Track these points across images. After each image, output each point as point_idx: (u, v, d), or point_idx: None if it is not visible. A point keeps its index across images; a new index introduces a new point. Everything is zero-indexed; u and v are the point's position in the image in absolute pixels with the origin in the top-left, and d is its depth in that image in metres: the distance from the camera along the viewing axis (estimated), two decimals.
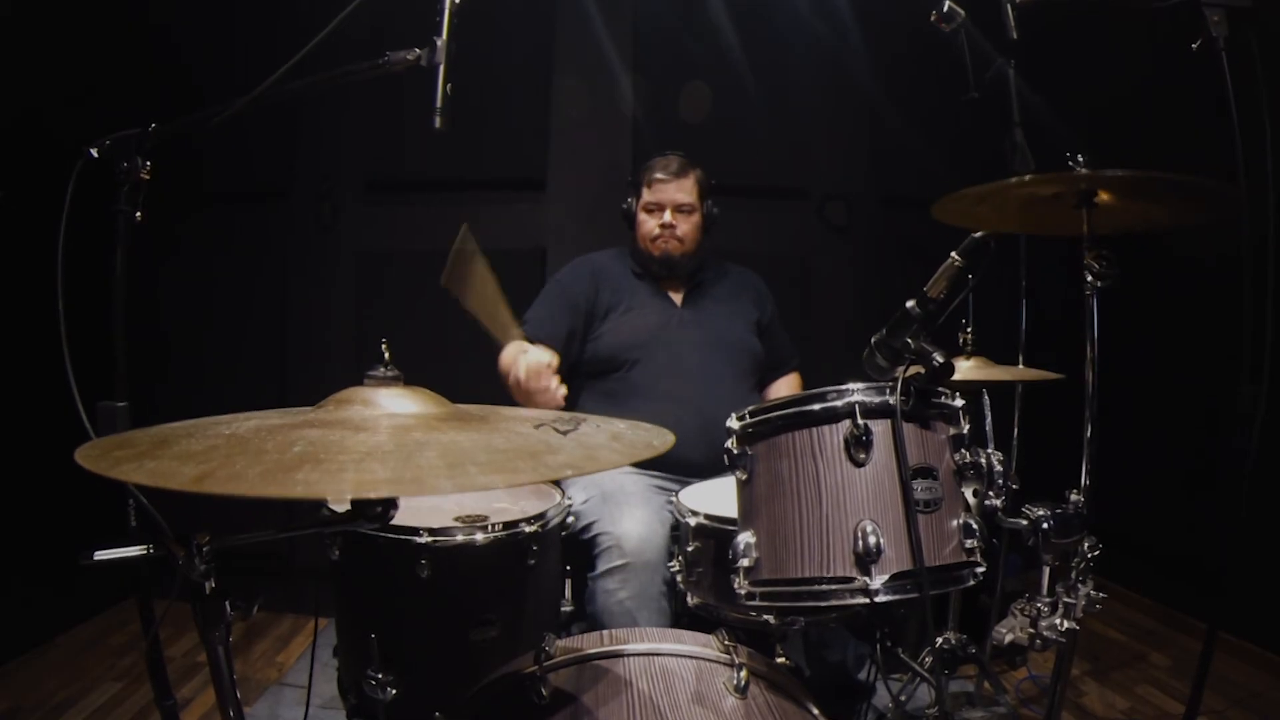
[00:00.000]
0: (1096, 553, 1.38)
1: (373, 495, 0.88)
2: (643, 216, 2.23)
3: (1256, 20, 1.64)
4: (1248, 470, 1.68)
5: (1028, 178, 1.41)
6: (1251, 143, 1.62)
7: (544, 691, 1.06)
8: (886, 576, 1.13)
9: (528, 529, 1.57)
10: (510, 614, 1.56)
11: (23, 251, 2.14)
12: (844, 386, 1.20)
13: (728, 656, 1.14)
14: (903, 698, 2.09)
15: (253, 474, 0.68)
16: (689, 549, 1.59)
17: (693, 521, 1.60)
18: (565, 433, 0.89)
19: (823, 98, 3.13)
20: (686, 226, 2.21)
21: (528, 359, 1.80)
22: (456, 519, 1.58)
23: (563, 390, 1.81)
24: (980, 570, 1.20)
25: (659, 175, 2.20)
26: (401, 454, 0.75)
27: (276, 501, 0.65)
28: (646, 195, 2.22)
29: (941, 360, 1.19)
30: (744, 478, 1.27)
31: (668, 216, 2.18)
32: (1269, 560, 2.31)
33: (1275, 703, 2.31)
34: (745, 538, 1.24)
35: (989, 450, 1.25)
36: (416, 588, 1.49)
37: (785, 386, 2.38)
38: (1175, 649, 2.70)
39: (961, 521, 1.20)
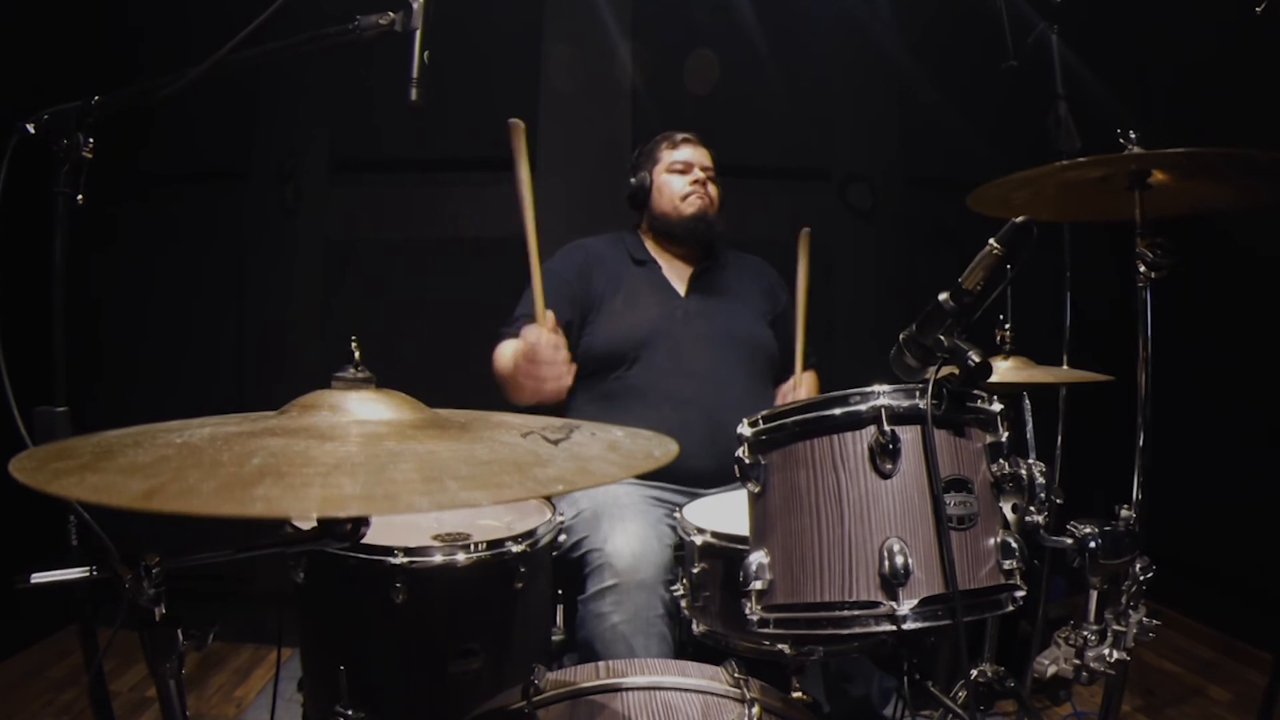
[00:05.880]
0: (1149, 575, 1.39)
1: (341, 514, 0.88)
2: (667, 178, 2.30)
3: None
4: None
5: (1079, 159, 1.40)
6: None
7: None
8: (915, 601, 1.13)
9: (515, 548, 1.57)
10: (495, 643, 1.56)
11: None
12: (869, 389, 1.20)
13: (738, 691, 1.14)
14: None
15: (207, 489, 0.68)
16: (694, 570, 1.59)
17: (699, 540, 1.60)
18: (556, 442, 0.89)
19: (844, 67, 3.13)
20: (714, 189, 2.32)
21: (537, 329, 1.79)
22: (435, 537, 1.58)
23: (572, 370, 1.82)
24: (1020, 594, 1.20)
25: (684, 136, 2.33)
26: (373, 466, 0.75)
27: (234, 519, 0.65)
28: (671, 155, 2.31)
29: (977, 360, 1.19)
30: (756, 490, 1.27)
31: (698, 173, 2.29)
32: None
33: None
34: (758, 558, 1.24)
35: (1030, 460, 1.25)
36: (390, 614, 1.48)
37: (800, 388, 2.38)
38: (1238, 682, 2.69)
39: (999, 540, 1.20)
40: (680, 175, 2.29)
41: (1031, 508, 1.24)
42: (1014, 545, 1.20)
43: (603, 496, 1.90)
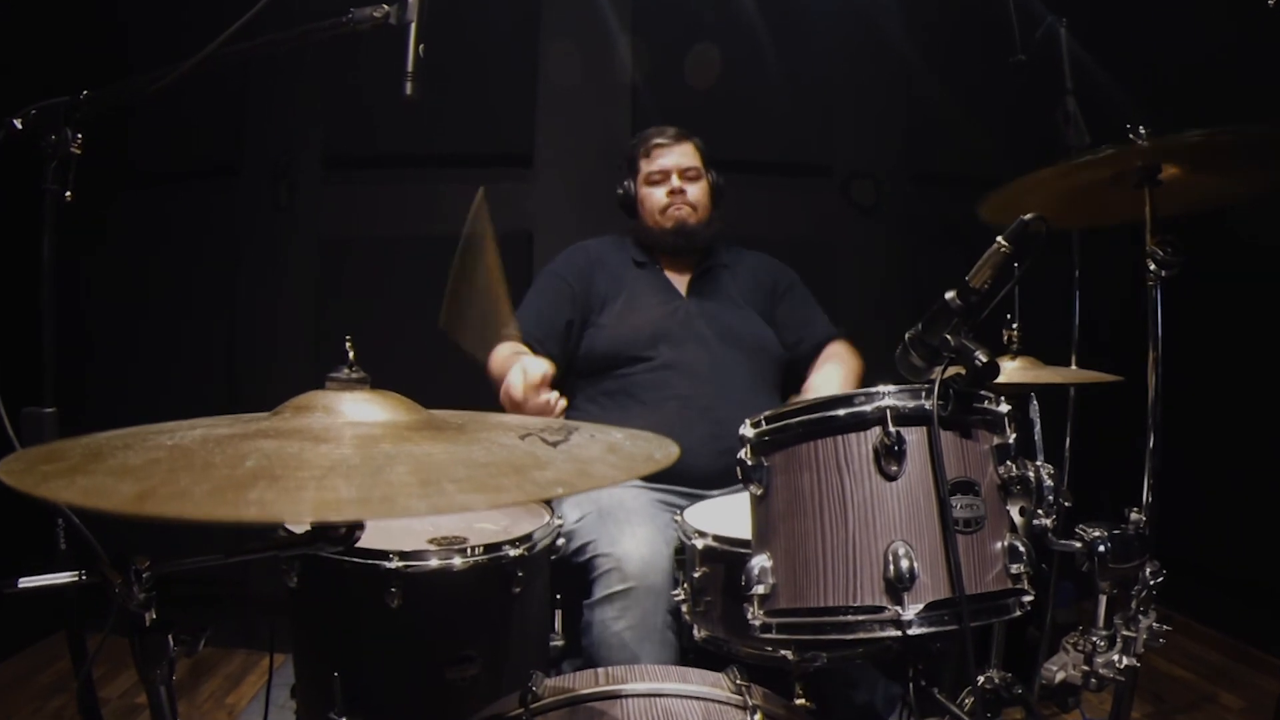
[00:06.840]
0: (1160, 579, 1.38)
1: (336, 518, 0.88)
2: (646, 190, 2.28)
3: None
4: None
5: (1089, 153, 1.40)
6: None
7: None
8: (921, 606, 1.13)
9: (512, 552, 1.57)
10: (492, 649, 1.56)
11: None
12: (874, 389, 1.20)
13: (740, 698, 1.14)
14: None
15: (199, 492, 0.68)
16: (696, 575, 1.59)
17: (700, 544, 1.59)
18: (555, 444, 0.89)
19: (849, 62, 3.12)
20: (696, 191, 2.27)
21: (522, 371, 1.79)
22: (431, 541, 1.58)
23: (562, 404, 1.81)
24: (1027, 599, 1.20)
25: (657, 141, 2.27)
26: (369, 469, 0.75)
27: (228, 523, 0.65)
28: (647, 166, 2.27)
29: (985, 360, 1.19)
30: (759, 493, 1.27)
31: (675, 182, 2.25)
32: None
33: None
34: (760, 561, 1.24)
35: (1038, 462, 1.25)
36: (385, 619, 1.48)
37: (834, 356, 2.27)
38: (1249, 689, 2.69)
39: (1006, 544, 1.20)
40: (658, 186, 2.26)
41: (1039, 511, 1.24)
42: (1021, 549, 1.19)
43: (608, 500, 1.91)
